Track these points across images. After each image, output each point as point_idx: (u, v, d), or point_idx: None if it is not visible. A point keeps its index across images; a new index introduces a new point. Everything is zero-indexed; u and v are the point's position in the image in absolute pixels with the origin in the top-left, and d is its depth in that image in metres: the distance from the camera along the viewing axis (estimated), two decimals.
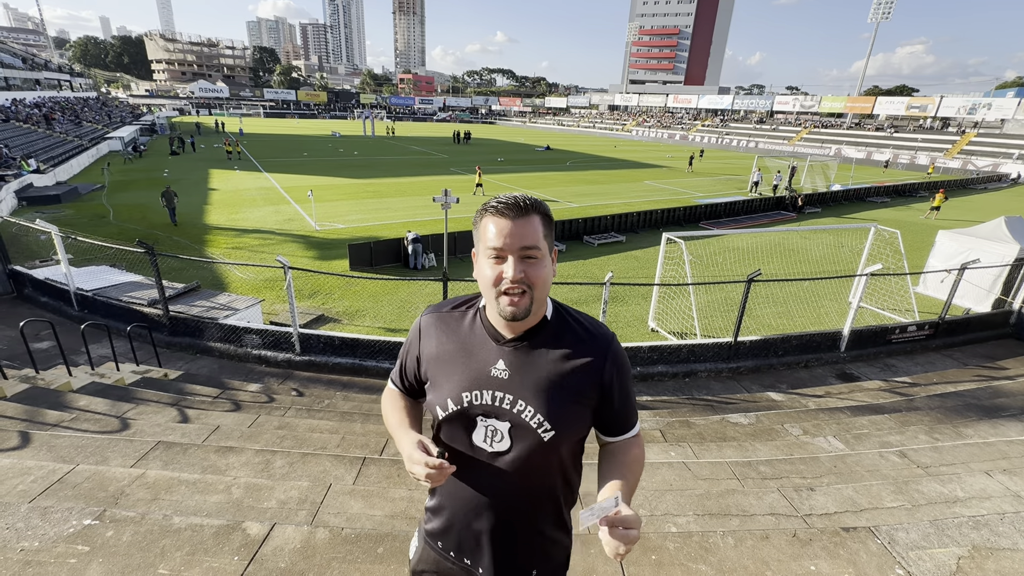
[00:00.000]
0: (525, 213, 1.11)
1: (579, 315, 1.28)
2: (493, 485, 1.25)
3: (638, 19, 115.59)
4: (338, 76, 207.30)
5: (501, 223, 1.11)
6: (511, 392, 1.19)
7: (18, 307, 9.14)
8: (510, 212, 1.11)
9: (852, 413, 6.03)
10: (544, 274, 1.14)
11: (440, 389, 1.25)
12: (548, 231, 1.16)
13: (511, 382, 1.20)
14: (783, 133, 65.45)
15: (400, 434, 1.28)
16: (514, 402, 1.19)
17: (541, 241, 1.13)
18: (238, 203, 19.84)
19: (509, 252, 1.11)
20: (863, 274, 8.50)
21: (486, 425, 1.22)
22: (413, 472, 1.13)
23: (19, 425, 3.96)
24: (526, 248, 1.11)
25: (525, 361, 1.20)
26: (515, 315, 1.13)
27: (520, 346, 1.21)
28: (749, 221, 20.42)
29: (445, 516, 1.34)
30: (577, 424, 1.23)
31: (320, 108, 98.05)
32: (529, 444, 1.20)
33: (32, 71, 52.00)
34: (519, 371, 1.20)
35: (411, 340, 1.36)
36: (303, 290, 10.92)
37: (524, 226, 1.11)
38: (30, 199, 18.63)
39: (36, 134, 31.27)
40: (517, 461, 1.21)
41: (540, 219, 1.13)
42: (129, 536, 2.33)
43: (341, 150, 40.79)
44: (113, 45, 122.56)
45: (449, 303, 1.34)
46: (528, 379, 1.19)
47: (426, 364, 1.30)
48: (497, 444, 1.22)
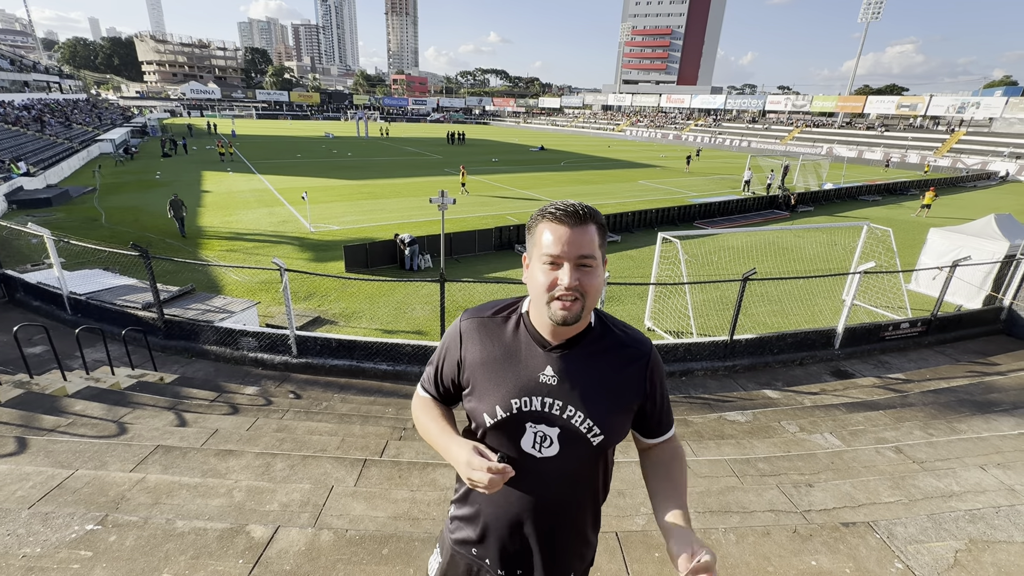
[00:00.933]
0: (583, 222, 1.12)
1: (619, 322, 1.31)
2: (539, 490, 1.25)
3: (631, 19, 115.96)
4: (331, 77, 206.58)
5: (559, 230, 1.12)
6: (560, 398, 1.20)
7: (10, 312, 9.05)
8: (569, 220, 1.12)
9: (848, 410, 6.09)
10: (597, 283, 1.15)
11: (486, 396, 1.25)
12: (603, 240, 1.17)
13: (560, 388, 1.20)
14: (775, 132, 65.88)
15: (447, 442, 1.25)
16: (564, 408, 1.20)
17: (597, 250, 1.14)
18: (232, 205, 19.73)
19: (565, 259, 1.11)
20: (856, 272, 8.59)
21: (535, 431, 1.22)
22: (473, 479, 1.12)
23: (15, 431, 3.93)
24: (583, 257, 1.11)
25: (573, 367, 1.21)
26: (566, 320, 1.13)
27: (567, 352, 1.22)
28: (743, 220, 20.54)
29: (483, 523, 1.32)
30: (623, 427, 1.27)
31: (313, 109, 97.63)
32: (579, 449, 1.22)
33: (20, 73, 51.44)
34: (567, 377, 1.21)
35: (449, 344, 1.33)
36: (299, 292, 10.87)
37: (582, 235, 1.11)
38: (20, 202, 18.43)
39: (25, 136, 30.94)
40: (566, 466, 1.23)
41: (596, 228, 1.14)
42: (132, 541, 2.32)
43: (335, 151, 40.64)
44: (103, 46, 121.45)
45: (489, 308, 1.33)
46: (576, 385, 1.20)
47: (469, 370, 1.28)
48: (547, 450, 1.23)
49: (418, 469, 3.57)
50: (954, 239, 11.65)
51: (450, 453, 1.22)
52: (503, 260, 14.26)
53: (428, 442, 1.35)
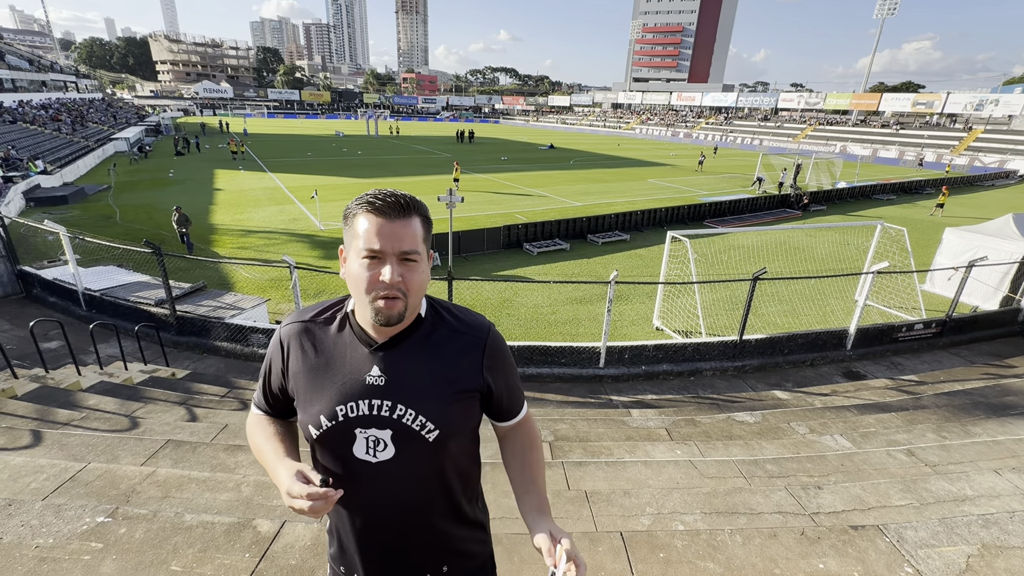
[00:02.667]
0: (406, 214, 1.05)
1: (454, 308, 1.25)
2: (381, 495, 1.18)
3: (641, 16, 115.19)
4: (341, 76, 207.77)
5: (379, 223, 1.03)
6: (389, 398, 1.13)
7: (27, 307, 9.22)
8: (390, 211, 1.04)
9: (859, 411, 6.01)
10: (421, 279, 1.09)
11: (311, 406, 1.16)
12: (427, 234, 1.11)
13: (387, 388, 1.14)
14: (788, 130, 65.12)
15: (275, 464, 1.13)
16: (393, 407, 1.13)
17: (421, 245, 1.08)
18: (243, 203, 19.94)
19: (387, 255, 1.04)
20: (869, 272, 8.47)
21: (367, 436, 1.14)
22: (293, 507, 1.01)
23: (30, 424, 4.01)
24: (406, 252, 1.05)
25: (401, 365, 1.14)
26: (389, 320, 1.07)
27: (394, 349, 1.15)
28: (754, 219, 20.34)
29: (337, 537, 1.28)
30: (463, 418, 1.20)
31: (324, 108, 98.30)
32: (415, 447, 1.15)
33: (38, 73, 52.39)
34: (395, 375, 1.14)
35: (272, 355, 1.24)
36: (308, 289, 10.96)
37: (404, 228, 1.05)
38: (37, 200, 18.78)
39: (43, 135, 31.50)
40: (404, 466, 1.16)
41: (420, 221, 1.08)
42: (142, 533, 2.36)
43: (345, 150, 40.89)
44: (118, 46, 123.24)
45: (312, 310, 1.24)
46: (405, 382, 1.14)
47: (293, 380, 1.20)
48: (381, 454, 1.15)
49: None
50: (970, 239, 11.44)
51: (276, 478, 1.11)
52: (511, 258, 14.26)
53: (262, 465, 1.24)
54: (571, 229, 16.29)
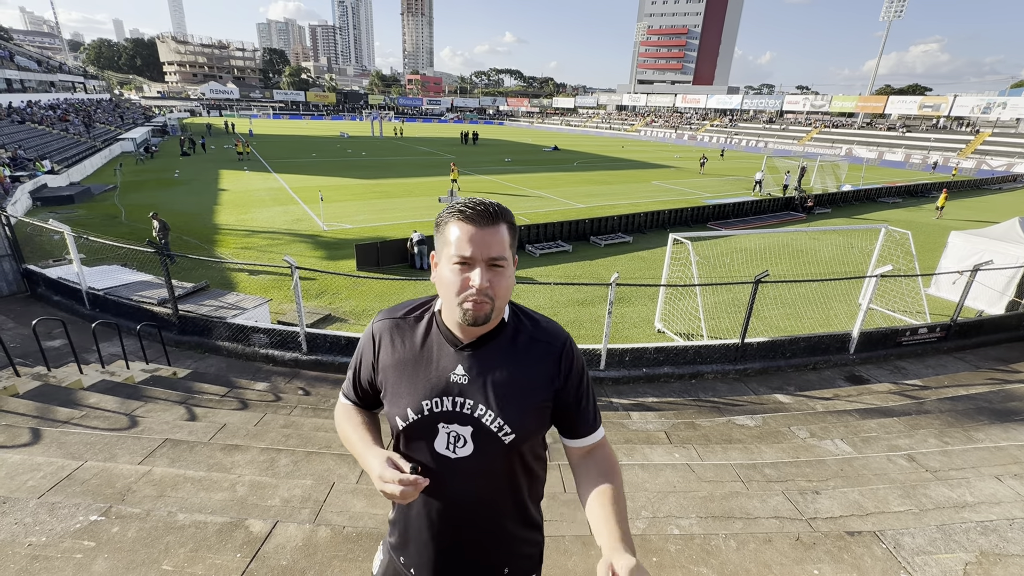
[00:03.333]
0: (494, 222, 1.10)
1: (535, 316, 1.28)
2: (456, 490, 1.23)
3: (646, 19, 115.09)
4: (347, 77, 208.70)
5: (469, 230, 1.09)
6: (471, 397, 1.19)
7: (31, 306, 9.30)
8: (480, 220, 1.09)
9: (860, 416, 5.97)
10: (508, 284, 1.14)
11: (399, 399, 1.23)
12: (513, 240, 1.14)
13: (470, 387, 1.19)
14: (793, 133, 64.86)
15: (364, 451, 1.22)
16: (474, 407, 1.19)
17: (507, 251, 1.12)
18: (247, 203, 20.03)
19: (476, 261, 1.09)
20: (873, 275, 8.41)
21: (448, 431, 1.21)
22: (385, 491, 1.09)
23: (30, 422, 4.03)
24: (494, 259, 1.10)
25: (483, 365, 1.20)
26: (476, 321, 1.12)
27: (478, 351, 1.21)
28: (757, 222, 20.26)
29: (404, 528, 1.32)
30: (536, 424, 1.23)
31: (329, 109, 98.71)
32: (492, 447, 1.20)
33: (47, 73, 52.90)
34: (478, 376, 1.19)
35: (364, 348, 1.31)
36: (310, 290, 11.00)
37: (493, 235, 1.09)
38: (44, 199, 18.94)
39: (51, 135, 31.78)
40: (480, 464, 1.21)
41: (507, 228, 1.12)
42: (134, 532, 2.36)
43: (349, 151, 41.04)
44: (126, 47, 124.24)
45: (403, 308, 1.31)
46: (487, 383, 1.19)
47: (382, 373, 1.27)
48: (460, 450, 1.21)
49: None
50: (976, 242, 11.35)
51: (366, 464, 1.19)
52: None
53: (351, 452, 1.32)
54: (574, 231, 16.28)
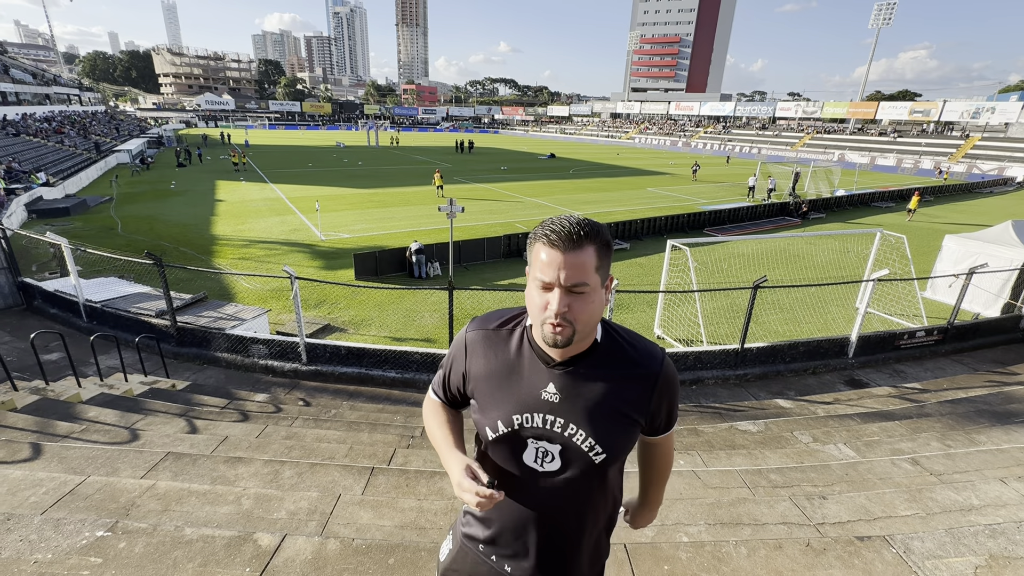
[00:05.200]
0: (578, 245, 1.05)
1: (630, 336, 1.25)
2: (542, 502, 1.26)
3: (639, 28, 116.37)
4: (342, 88, 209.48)
5: (552, 254, 1.05)
6: (562, 416, 1.18)
7: (28, 319, 9.22)
8: (562, 243, 1.05)
9: (862, 420, 5.98)
10: (591, 309, 1.09)
11: (489, 411, 1.25)
12: (603, 261, 1.09)
13: (562, 406, 1.19)
14: (786, 139, 65.49)
15: (447, 454, 1.28)
16: (565, 426, 1.18)
17: (592, 275, 1.07)
18: (244, 214, 20.01)
19: (556, 285, 1.06)
20: (870, 279, 8.47)
21: (537, 447, 1.22)
22: (462, 497, 1.14)
23: (30, 436, 3.99)
24: (575, 284, 1.06)
25: (575, 385, 1.18)
26: (556, 344, 1.11)
27: (570, 370, 1.19)
28: (753, 227, 20.40)
29: (492, 527, 1.34)
30: (627, 443, 1.23)
31: (325, 119, 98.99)
32: (580, 466, 1.20)
33: (42, 86, 52.87)
34: (569, 395, 1.18)
35: (455, 354, 1.34)
36: (309, 300, 10.96)
37: (574, 259, 1.05)
38: (40, 212, 18.86)
39: (46, 148, 31.70)
40: (568, 481, 1.22)
41: (595, 250, 1.07)
42: (141, 547, 2.34)
43: (345, 160, 41.12)
44: (121, 60, 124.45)
45: (495, 319, 1.31)
46: (579, 403, 1.18)
47: (473, 383, 1.29)
48: (548, 465, 1.22)
49: (425, 478, 3.56)
50: (971, 246, 11.46)
51: (447, 465, 1.25)
52: (512, 267, 14.27)
53: (435, 448, 1.38)
54: None
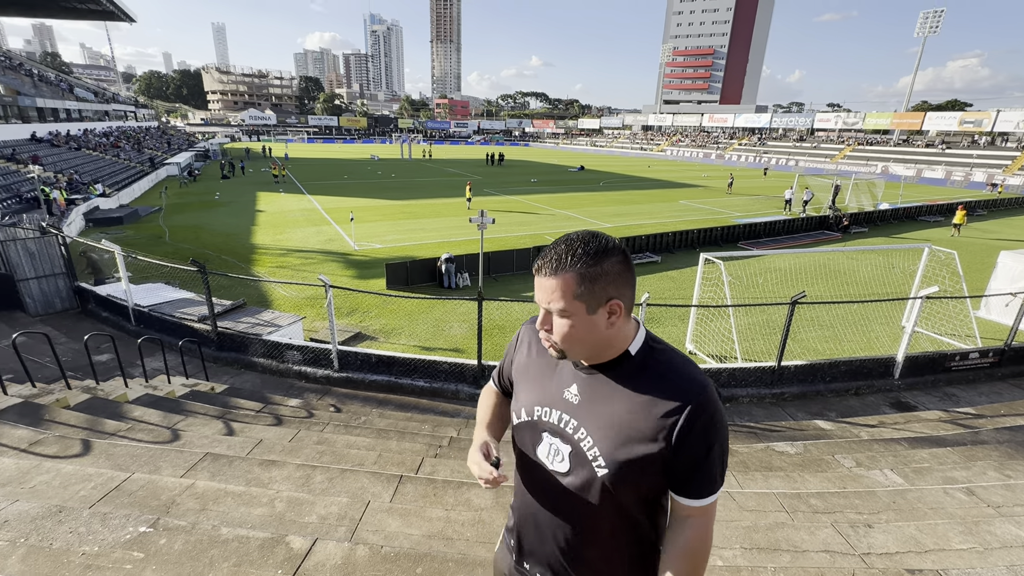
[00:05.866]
0: (552, 272, 1.10)
1: (673, 359, 1.18)
2: (551, 502, 1.27)
3: (672, 40, 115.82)
4: (378, 102, 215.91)
5: (536, 276, 1.13)
6: (576, 418, 1.20)
7: (82, 321, 9.76)
8: (543, 267, 1.12)
9: (910, 445, 5.66)
10: (569, 332, 1.12)
11: (519, 397, 1.34)
12: (589, 287, 1.08)
13: (579, 409, 1.20)
14: (825, 151, 63.56)
15: (476, 431, 1.45)
16: (577, 428, 1.19)
17: (569, 301, 1.09)
18: (282, 224, 20.72)
19: (541, 304, 1.15)
20: (917, 297, 8.06)
21: (550, 443, 1.25)
22: (471, 471, 1.26)
23: (81, 433, 4.19)
24: (549, 308, 1.13)
25: (597, 392, 1.19)
26: (554, 356, 1.19)
27: (595, 375, 1.20)
28: (791, 241, 19.79)
29: (515, 518, 1.41)
30: (636, 470, 1.13)
31: (360, 133, 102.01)
32: (585, 474, 1.19)
33: (102, 103, 56.47)
34: (589, 400, 1.19)
35: (511, 345, 1.45)
36: (342, 308, 11.21)
37: (546, 283, 1.11)
38: (96, 221, 20.04)
39: (103, 160, 33.74)
40: (574, 487, 1.21)
41: (575, 277, 1.08)
42: (180, 545, 2.41)
43: (379, 173, 42.18)
44: (174, 78, 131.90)
45: None
46: (596, 410, 1.18)
47: (515, 371, 1.39)
48: (558, 464, 1.24)
49: (453, 488, 3.56)
50: None
51: (473, 441, 1.38)
52: None
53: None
54: None
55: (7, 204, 18.36)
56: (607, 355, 1.18)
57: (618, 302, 1.12)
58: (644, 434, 1.12)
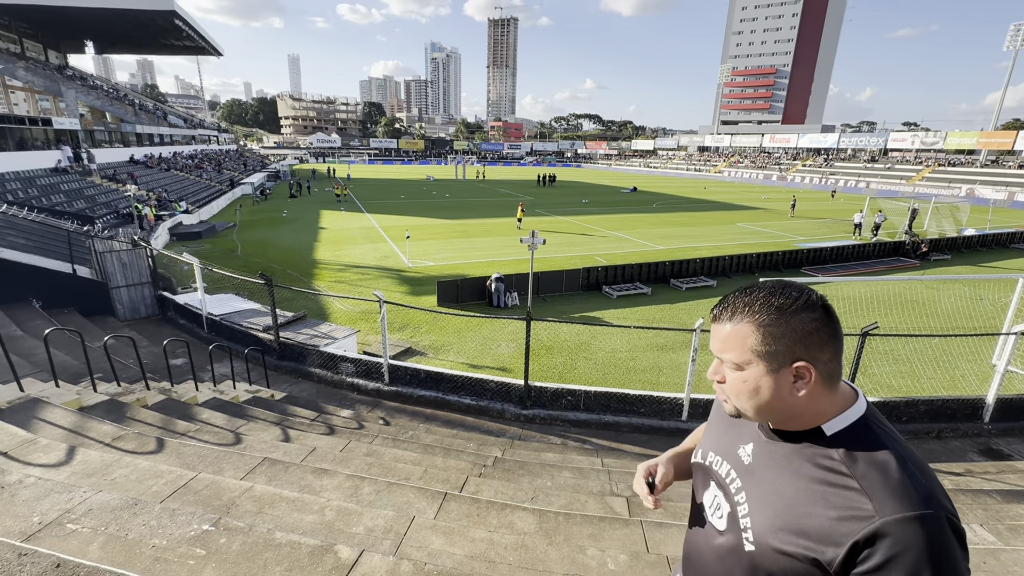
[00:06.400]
0: (730, 318, 1.01)
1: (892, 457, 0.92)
2: (707, 554, 1.16)
3: (731, 60, 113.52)
4: (435, 125, 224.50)
5: (712, 322, 1.06)
6: (742, 479, 1.09)
7: (162, 327, 10.61)
8: (720, 314, 1.04)
9: (1004, 499, 5.06)
10: (741, 388, 1.00)
11: (705, 435, 1.27)
12: (766, 342, 0.96)
13: (748, 471, 1.08)
14: (900, 172, 59.56)
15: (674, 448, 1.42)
16: (739, 490, 1.08)
17: (743, 354, 0.98)
18: (342, 241, 21.77)
19: (715, 353, 1.05)
20: (1011, 332, 7.29)
21: (715, 494, 1.16)
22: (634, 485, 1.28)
23: (156, 431, 4.52)
24: (722, 357, 1.03)
25: (772, 460, 1.04)
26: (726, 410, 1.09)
27: (776, 441, 1.05)
28: (861, 268, 18.56)
29: (684, 549, 1.31)
30: (785, 566, 0.96)
31: (417, 154, 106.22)
32: (735, 541, 1.06)
33: (190, 129, 62.21)
34: (761, 466, 1.06)
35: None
36: (394, 323, 11.55)
37: (723, 330, 1.02)
38: (179, 235, 21.90)
39: (188, 180, 36.96)
40: (725, 549, 1.09)
41: (752, 328, 0.97)
42: (238, 545, 2.53)
43: (434, 193, 43.59)
44: (252, 105, 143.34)
45: None
46: (764, 479, 1.04)
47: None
48: (716, 518, 1.14)
49: (496, 509, 3.53)
50: None
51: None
52: (590, 301, 14.10)
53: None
54: (653, 273, 15.86)
55: (106, 219, 20.42)
56: (792, 425, 1.03)
57: (807, 366, 0.95)
58: (807, 530, 0.92)
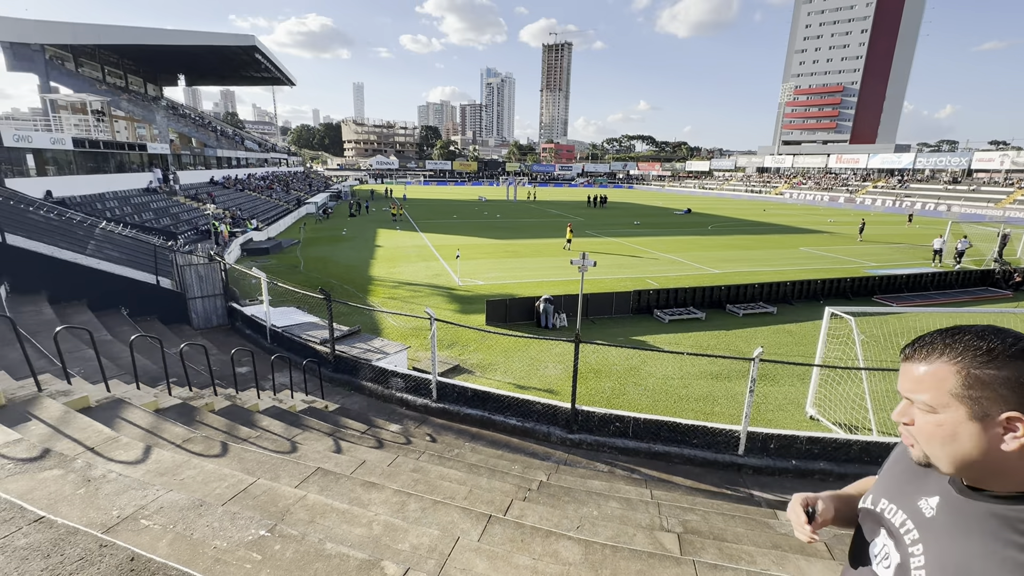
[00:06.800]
0: (925, 358, 0.94)
1: None
2: None
3: (793, 79, 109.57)
4: (488, 148, 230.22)
5: (903, 362, 1.00)
6: (920, 533, 0.97)
7: (231, 336, 11.31)
8: (913, 354, 0.97)
9: None
10: (929, 432, 0.92)
11: (878, 479, 1.18)
12: (969, 389, 0.88)
13: (929, 525, 0.97)
14: (986, 194, 54.76)
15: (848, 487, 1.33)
16: (915, 543, 0.97)
17: (940, 396, 0.90)
18: (397, 258, 22.55)
19: (902, 391, 0.99)
20: None
21: (884, 543, 1.06)
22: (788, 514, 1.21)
23: (221, 436, 4.80)
24: (912, 397, 0.95)
25: (962, 519, 0.93)
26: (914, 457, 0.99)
27: (970, 500, 0.93)
28: (943, 298, 17.07)
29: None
30: None
31: (470, 176, 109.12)
32: None
33: (263, 152, 67.20)
34: (947, 524, 0.95)
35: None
36: (443, 340, 11.75)
37: (917, 369, 0.95)
38: (249, 251, 23.49)
39: (259, 200, 39.71)
40: None
41: (955, 371, 0.89)
42: (291, 553, 2.61)
43: (486, 213, 44.43)
44: (318, 130, 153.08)
45: None
46: (947, 538, 0.93)
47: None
48: (883, 569, 1.04)
49: (541, 536, 3.46)
50: None
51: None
52: (640, 324, 13.76)
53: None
54: (707, 298, 15.30)
55: (187, 235, 22.25)
56: (993, 484, 0.91)
57: (1008, 416, 0.86)
58: None
